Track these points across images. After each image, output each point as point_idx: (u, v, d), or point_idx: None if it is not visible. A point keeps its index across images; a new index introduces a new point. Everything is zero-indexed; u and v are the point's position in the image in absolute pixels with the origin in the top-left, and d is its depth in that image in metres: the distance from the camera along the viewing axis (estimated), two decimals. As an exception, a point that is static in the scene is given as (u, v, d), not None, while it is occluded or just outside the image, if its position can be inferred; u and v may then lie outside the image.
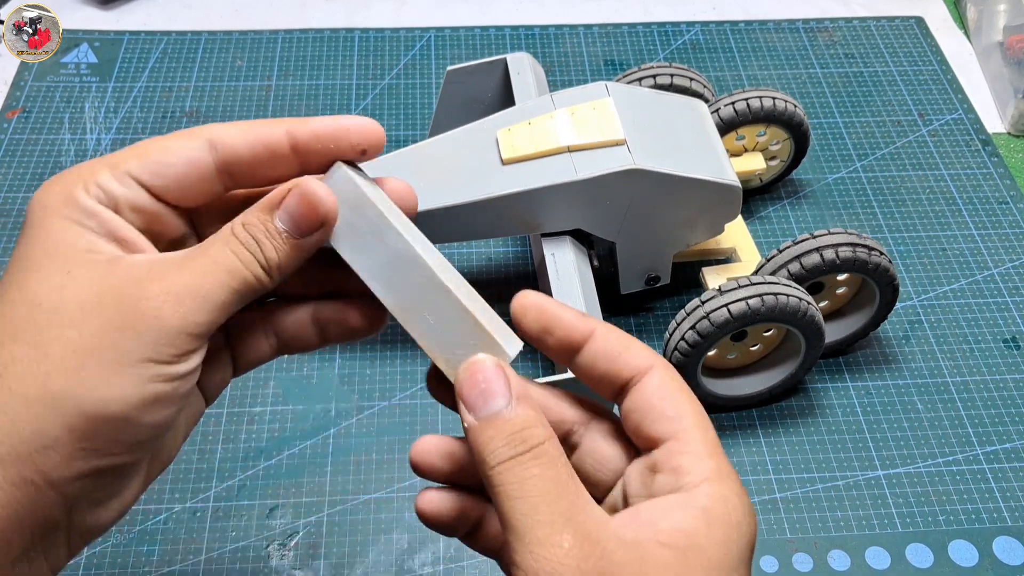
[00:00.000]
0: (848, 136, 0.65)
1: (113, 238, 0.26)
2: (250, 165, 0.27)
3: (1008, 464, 0.48)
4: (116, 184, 0.26)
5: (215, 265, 0.26)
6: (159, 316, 0.25)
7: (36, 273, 0.25)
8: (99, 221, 0.26)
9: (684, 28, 0.73)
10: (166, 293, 0.25)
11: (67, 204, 0.26)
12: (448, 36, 0.72)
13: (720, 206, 0.48)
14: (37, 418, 0.24)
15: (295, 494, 0.46)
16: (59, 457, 0.24)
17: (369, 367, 0.52)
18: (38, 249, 0.26)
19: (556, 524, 0.24)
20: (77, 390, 0.24)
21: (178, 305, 0.25)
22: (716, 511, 0.25)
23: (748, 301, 0.44)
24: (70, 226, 0.26)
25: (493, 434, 0.25)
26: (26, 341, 0.24)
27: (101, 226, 0.26)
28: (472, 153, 0.47)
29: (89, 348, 0.24)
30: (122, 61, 0.69)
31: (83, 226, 0.26)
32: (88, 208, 0.26)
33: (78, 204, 0.26)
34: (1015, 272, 0.57)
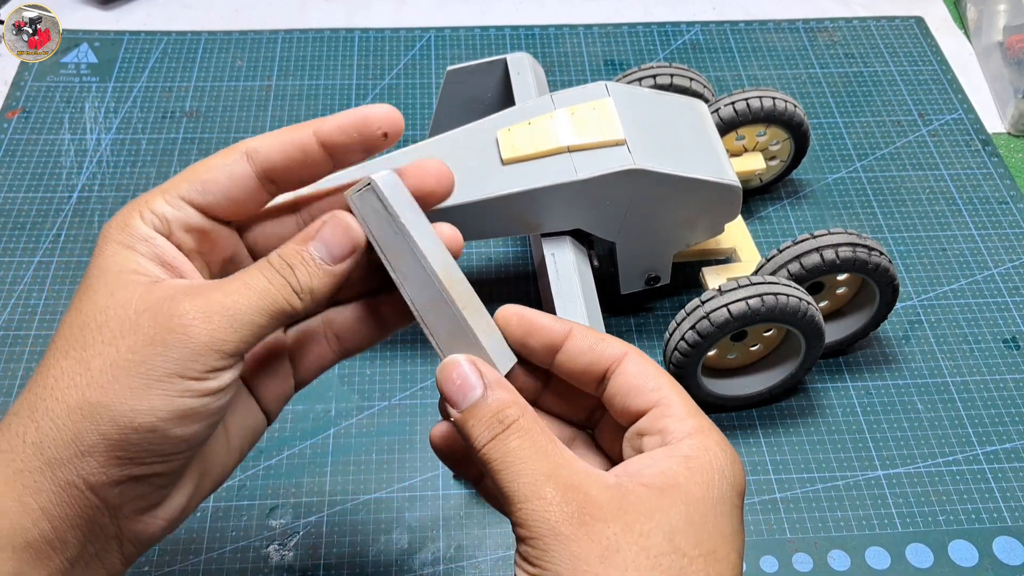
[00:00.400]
0: (848, 136, 0.65)
1: (161, 262, 0.28)
2: (287, 168, 0.29)
3: (1008, 464, 0.48)
4: (168, 207, 0.29)
5: (246, 287, 0.27)
6: (187, 333, 0.26)
7: (88, 295, 0.28)
8: (149, 246, 0.28)
9: (684, 28, 0.73)
10: (196, 311, 0.26)
11: (122, 230, 0.28)
12: (448, 36, 0.72)
13: (720, 206, 0.48)
14: (76, 426, 0.26)
15: (295, 494, 0.46)
16: (96, 463, 0.26)
17: (369, 367, 0.52)
18: (93, 273, 0.28)
19: (538, 481, 0.26)
20: (111, 401, 0.26)
21: (207, 322, 0.26)
22: (698, 458, 0.27)
23: (748, 301, 0.44)
24: (121, 250, 0.28)
25: (475, 422, 0.28)
26: (74, 357, 0.27)
27: (151, 250, 0.28)
28: (472, 153, 0.47)
29: (124, 363, 0.26)
30: (122, 61, 0.69)
31: (133, 250, 0.28)
32: (140, 234, 0.28)
33: (131, 230, 0.28)
34: (1015, 272, 0.57)
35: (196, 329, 0.26)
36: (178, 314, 0.26)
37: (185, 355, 0.26)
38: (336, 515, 0.46)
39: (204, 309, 0.27)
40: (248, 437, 0.32)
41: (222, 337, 0.27)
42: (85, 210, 0.59)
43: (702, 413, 0.29)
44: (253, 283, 0.28)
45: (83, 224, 0.58)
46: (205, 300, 0.27)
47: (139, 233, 0.28)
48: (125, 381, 0.26)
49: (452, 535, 0.45)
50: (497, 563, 0.44)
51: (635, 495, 0.26)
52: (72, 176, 0.61)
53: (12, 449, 0.26)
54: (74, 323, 0.27)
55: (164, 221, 0.28)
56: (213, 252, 0.30)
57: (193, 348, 0.26)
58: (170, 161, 0.62)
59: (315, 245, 0.29)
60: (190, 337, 0.26)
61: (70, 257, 0.56)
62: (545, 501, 0.26)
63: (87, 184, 0.61)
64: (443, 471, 0.47)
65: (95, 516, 0.27)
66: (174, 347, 0.26)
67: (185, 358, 0.26)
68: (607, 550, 0.25)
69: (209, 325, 0.26)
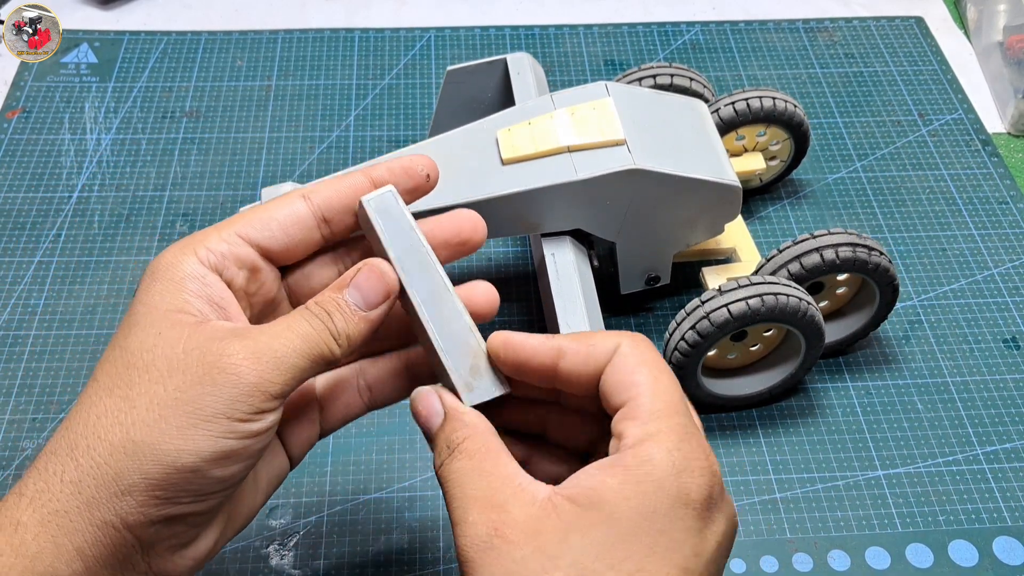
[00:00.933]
0: (848, 136, 0.65)
1: (209, 301, 0.29)
2: (343, 207, 0.31)
3: (1008, 464, 0.48)
4: (224, 244, 0.29)
5: (290, 331, 0.28)
6: (237, 373, 0.27)
7: (135, 332, 0.28)
8: (200, 284, 0.29)
9: (684, 28, 0.73)
10: (246, 351, 0.27)
11: (171, 267, 0.29)
12: (448, 36, 0.72)
13: (720, 206, 0.48)
14: (118, 464, 0.26)
15: (295, 494, 0.46)
16: (135, 503, 0.26)
17: (369, 367, 0.52)
18: (140, 310, 0.28)
19: (466, 505, 0.27)
20: (156, 441, 0.26)
21: (256, 364, 0.27)
22: (636, 469, 0.26)
23: (748, 301, 0.44)
24: (169, 288, 0.28)
25: (434, 446, 0.30)
26: (119, 395, 0.27)
27: (201, 289, 0.29)
28: (472, 153, 0.47)
29: (171, 402, 0.26)
30: (122, 61, 0.69)
31: (183, 289, 0.28)
32: (193, 272, 0.29)
33: (181, 268, 0.29)
34: (1015, 272, 0.57)
35: (245, 370, 0.27)
36: (227, 354, 0.27)
37: (234, 395, 0.26)
38: (336, 515, 0.46)
39: (253, 351, 0.27)
40: (274, 481, 0.32)
41: (269, 379, 0.27)
42: (85, 210, 0.59)
43: (674, 412, 0.28)
44: (296, 327, 0.28)
45: (83, 224, 0.58)
46: (253, 342, 0.27)
47: (192, 271, 0.29)
48: (172, 420, 0.26)
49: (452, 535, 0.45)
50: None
51: (559, 512, 0.26)
52: (72, 176, 0.61)
53: (49, 489, 0.26)
54: (119, 361, 0.27)
55: (219, 256, 0.29)
56: (260, 293, 0.31)
57: (242, 389, 0.26)
58: (170, 161, 0.62)
59: (350, 292, 0.30)
60: (239, 377, 0.26)
61: (70, 257, 0.56)
62: (467, 525, 0.27)
63: (87, 184, 0.61)
64: (443, 471, 0.47)
65: (128, 554, 0.27)
66: (223, 387, 0.26)
67: (233, 398, 0.26)
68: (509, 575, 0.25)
69: (258, 366, 0.27)
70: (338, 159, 0.63)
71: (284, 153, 0.63)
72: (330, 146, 0.64)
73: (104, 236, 0.58)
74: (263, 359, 0.27)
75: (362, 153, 0.63)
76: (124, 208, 0.59)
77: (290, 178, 0.61)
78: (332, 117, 0.65)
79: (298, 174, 0.61)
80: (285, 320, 0.29)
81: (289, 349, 0.28)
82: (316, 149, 0.63)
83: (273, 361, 0.27)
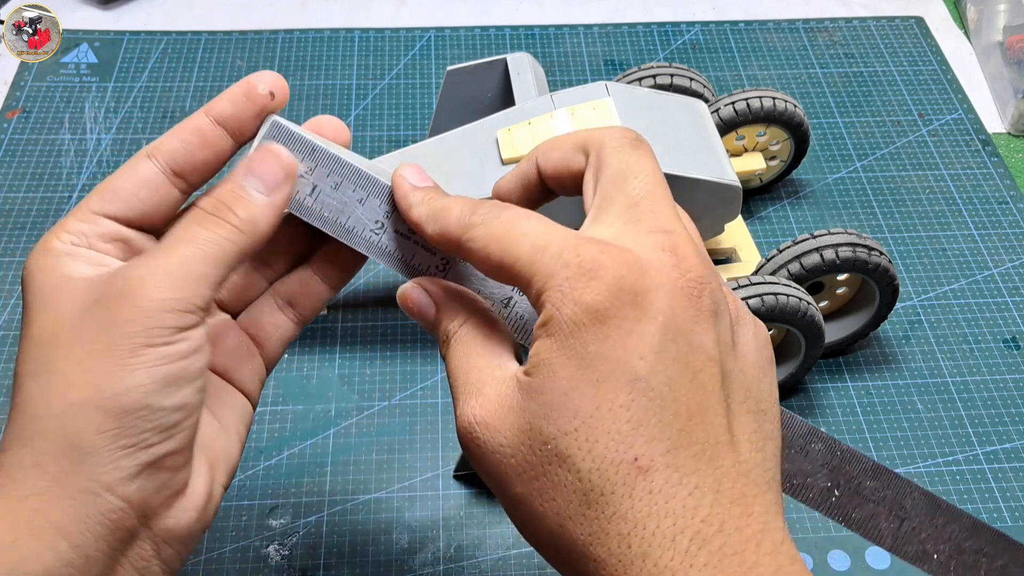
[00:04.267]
0: (848, 136, 0.65)
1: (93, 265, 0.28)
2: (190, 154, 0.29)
3: (1008, 464, 0.48)
4: (83, 224, 0.28)
5: (189, 242, 0.27)
6: (137, 304, 0.26)
7: (34, 318, 0.27)
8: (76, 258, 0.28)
9: (684, 28, 0.73)
10: (139, 279, 0.26)
11: (45, 255, 0.28)
12: (448, 36, 0.72)
13: (720, 206, 0.48)
14: (69, 430, 0.25)
15: (295, 494, 0.46)
16: (104, 460, 0.25)
17: (369, 367, 0.52)
18: (30, 302, 0.27)
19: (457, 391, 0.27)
20: (93, 394, 0.25)
21: (154, 287, 0.26)
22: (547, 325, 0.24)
23: (748, 301, 0.44)
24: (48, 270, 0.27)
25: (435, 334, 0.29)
26: (38, 374, 0.26)
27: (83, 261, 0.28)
28: (472, 153, 0.47)
29: (90, 355, 0.25)
30: (122, 61, 0.69)
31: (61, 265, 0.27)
32: (64, 251, 0.28)
33: (54, 251, 0.28)
34: (1015, 272, 0.57)
35: (144, 297, 0.26)
36: (123, 290, 0.26)
37: (147, 324, 0.25)
38: (336, 515, 0.46)
39: (146, 276, 0.26)
40: (240, 420, 0.31)
41: (173, 296, 0.26)
42: (85, 210, 0.59)
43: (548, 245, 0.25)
44: (190, 235, 0.27)
45: (83, 224, 0.58)
46: (145, 268, 0.26)
47: (62, 251, 0.27)
48: (99, 370, 0.25)
49: (452, 535, 0.45)
50: (497, 563, 0.44)
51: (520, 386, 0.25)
52: (72, 176, 0.61)
53: (12, 480, 0.25)
54: (28, 350, 0.27)
55: (82, 236, 0.28)
56: None
57: (152, 315, 0.25)
58: (170, 161, 0.62)
59: (248, 179, 0.28)
60: (141, 307, 0.25)
61: (70, 257, 0.56)
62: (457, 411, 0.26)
63: (87, 184, 0.61)
64: (443, 471, 0.47)
65: (121, 521, 0.26)
66: (129, 322, 0.25)
67: (147, 327, 0.25)
68: None
69: (157, 289, 0.26)
70: (338, 159, 0.63)
71: (284, 153, 0.63)
72: (330, 146, 0.63)
73: (104, 236, 0.58)
74: (159, 278, 0.26)
75: (362, 153, 0.63)
76: (124, 208, 0.59)
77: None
78: (332, 117, 0.65)
79: (298, 174, 0.61)
80: (177, 230, 0.27)
81: (188, 258, 0.26)
82: (316, 149, 0.63)
83: (172, 277, 0.26)
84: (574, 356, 0.23)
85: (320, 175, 0.30)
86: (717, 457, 0.23)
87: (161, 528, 0.27)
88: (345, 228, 0.30)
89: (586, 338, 0.23)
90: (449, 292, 0.29)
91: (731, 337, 0.25)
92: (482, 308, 0.29)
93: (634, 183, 0.27)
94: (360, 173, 0.30)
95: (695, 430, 0.23)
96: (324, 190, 0.30)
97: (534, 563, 0.44)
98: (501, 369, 0.26)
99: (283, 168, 0.29)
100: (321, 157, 0.30)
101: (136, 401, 0.25)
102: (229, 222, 0.28)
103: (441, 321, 0.29)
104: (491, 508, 0.46)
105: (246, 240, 0.28)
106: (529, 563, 0.44)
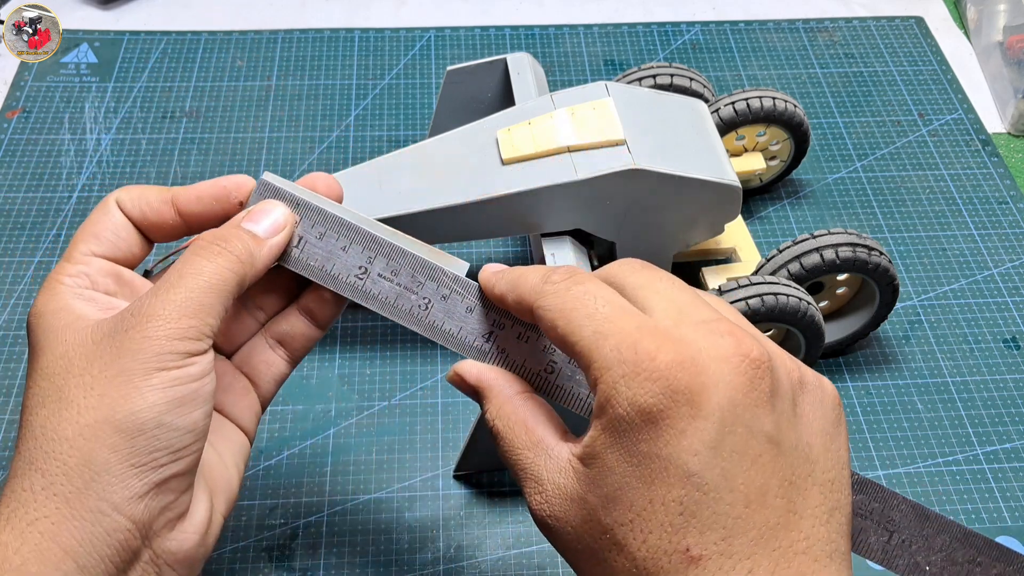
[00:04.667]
0: (848, 136, 0.65)
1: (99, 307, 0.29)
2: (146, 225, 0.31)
3: (1008, 464, 0.48)
4: (80, 265, 0.30)
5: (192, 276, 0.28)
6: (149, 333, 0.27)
7: (43, 354, 0.28)
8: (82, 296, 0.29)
9: (684, 28, 0.73)
10: (151, 310, 0.27)
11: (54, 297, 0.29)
12: (448, 36, 0.72)
13: (720, 206, 0.48)
14: (83, 450, 0.26)
15: (295, 494, 0.46)
16: (115, 480, 0.26)
17: (369, 367, 0.52)
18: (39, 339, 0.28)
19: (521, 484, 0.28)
20: (108, 414, 0.26)
21: (167, 316, 0.27)
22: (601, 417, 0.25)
23: (748, 301, 0.44)
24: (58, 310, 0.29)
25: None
26: (48, 403, 0.27)
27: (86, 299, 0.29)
28: (472, 153, 0.47)
29: (103, 381, 0.26)
30: (122, 61, 0.69)
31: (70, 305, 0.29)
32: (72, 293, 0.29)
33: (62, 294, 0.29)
34: (1015, 272, 0.57)
35: (156, 327, 0.27)
36: (133, 323, 0.27)
37: (156, 351, 0.27)
38: (336, 515, 0.46)
39: (156, 308, 0.27)
40: (237, 453, 0.33)
41: (182, 325, 0.27)
42: (85, 210, 0.59)
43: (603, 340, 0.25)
44: (194, 268, 0.28)
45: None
46: (154, 301, 0.28)
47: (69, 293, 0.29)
48: (113, 394, 0.26)
49: (452, 535, 0.45)
50: (497, 563, 0.44)
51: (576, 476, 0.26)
52: (72, 176, 0.61)
53: (23, 504, 0.26)
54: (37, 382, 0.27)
55: (84, 277, 0.30)
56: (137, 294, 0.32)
57: (160, 343, 0.27)
58: (170, 161, 0.62)
59: (247, 224, 0.30)
60: (153, 337, 0.27)
61: (70, 257, 0.56)
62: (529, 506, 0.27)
63: (87, 184, 0.61)
64: (443, 471, 0.47)
65: (126, 542, 0.26)
66: (142, 350, 0.27)
67: (157, 354, 0.27)
68: None
69: (167, 320, 0.27)
70: (338, 159, 0.63)
71: (284, 153, 0.63)
72: (330, 146, 0.64)
73: (104, 236, 0.58)
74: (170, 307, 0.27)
75: (362, 153, 0.63)
76: (124, 208, 0.59)
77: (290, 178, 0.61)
78: (332, 117, 0.65)
79: (298, 174, 0.61)
80: (181, 263, 0.29)
81: (195, 288, 0.28)
82: (316, 149, 0.63)
83: (180, 307, 0.27)
84: (626, 453, 0.24)
85: (306, 226, 0.32)
86: (775, 538, 0.24)
87: (163, 550, 0.27)
88: (331, 275, 0.32)
89: (638, 437, 0.24)
90: (485, 378, 0.30)
91: (792, 409, 0.26)
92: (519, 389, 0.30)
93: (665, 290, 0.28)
94: (343, 222, 0.32)
95: (753, 516, 0.24)
96: (310, 241, 0.32)
97: (534, 563, 0.44)
98: (551, 458, 0.27)
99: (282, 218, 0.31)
100: (305, 209, 0.32)
101: (150, 420, 0.26)
102: (230, 251, 0.29)
103: (482, 406, 0.30)
104: (491, 508, 0.46)
105: (245, 270, 0.29)
106: (529, 563, 0.44)
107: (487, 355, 0.31)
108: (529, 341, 0.31)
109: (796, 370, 0.27)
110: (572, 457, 0.26)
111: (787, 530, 0.24)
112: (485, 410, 0.30)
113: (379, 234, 0.32)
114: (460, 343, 0.32)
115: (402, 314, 0.32)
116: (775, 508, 0.24)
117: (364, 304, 0.32)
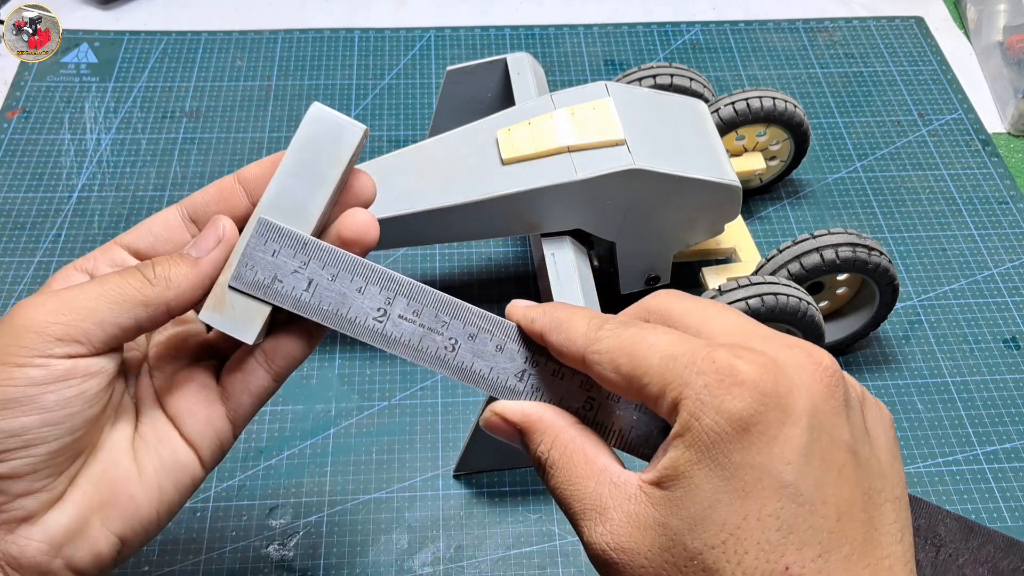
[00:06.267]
0: (848, 136, 0.65)
1: None
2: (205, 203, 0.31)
3: (1008, 464, 0.48)
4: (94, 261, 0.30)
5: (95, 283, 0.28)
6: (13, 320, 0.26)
7: None
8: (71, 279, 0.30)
9: (684, 28, 0.73)
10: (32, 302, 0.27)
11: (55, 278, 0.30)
12: (448, 36, 0.72)
13: (720, 206, 0.48)
14: None
15: (295, 494, 0.46)
16: None
17: (369, 367, 0.52)
18: None
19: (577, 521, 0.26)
20: None
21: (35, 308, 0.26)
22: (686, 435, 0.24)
23: (748, 301, 0.44)
24: None
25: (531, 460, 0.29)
26: None
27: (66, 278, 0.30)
28: (472, 153, 0.47)
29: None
30: (122, 61, 0.69)
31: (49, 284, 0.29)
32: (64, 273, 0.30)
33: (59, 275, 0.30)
34: (1015, 272, 0.57)
35: (22, 315, 0.26)
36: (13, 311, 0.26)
37: (8, 341, 0.26)
38: (336, 515, 0.46)
39: (38, 300, 0.27)
40: (169, 474, 0.29)
41: (49, 320, 0.26)
42: (85, 210, 0.59)
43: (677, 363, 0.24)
44: (102, 279, 0.28)
45: (83, 224, 0.58)
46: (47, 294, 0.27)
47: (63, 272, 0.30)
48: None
49: (452, 535, 0.45)
50: (497, 563, 0.44)
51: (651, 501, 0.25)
52: (72, 176, 0.61)
53: None
54: None
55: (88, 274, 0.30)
56: None
57: (17, 333, 0.26)
58: (170, 161, 0.62)
59: (189, 248, 0.30)
60: (17, 323, 0.26)
61: (70, 257, 0.56)
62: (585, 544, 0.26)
63: (87, 184, 0.61)
64: (443, 471, 0.47)
65: None
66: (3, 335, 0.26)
67: (7, 344, 0.26)
68: None
69: (37, 310, 0.26)
70: (338, 159, 0.63)
71: (284, 153, 0.63)
72: (330, 146, 0.63)
73: (104, 236, 0.58)
74: (47, 302, 0.26)
75: (362, 153, 0.63)
76: (124, 208, 0.59)
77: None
78: (332, 117, 0.65)
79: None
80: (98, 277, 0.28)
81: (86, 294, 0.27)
82: (316, 149, 0.63)
83: (58, 303, 0.26)
84: (717, 467, 0.23)
85: (315, 268, 0.29)
86: (866, 555, 0.23)
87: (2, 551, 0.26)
88: (347, 320, 0.29)
89: (729, 447, 0.23)
90: (530, 412, 0.28)
91: (863, 423, 0.25)
92: (568, 421, 0.28)
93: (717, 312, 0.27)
94: (357, 261, 0.29)
95: (844, 530, 0.23)
96: (321, 283, 0.29)
97: (534, 563, 0.44)
98: (617, 486, 0.25)
99: (215, 236, 0.29)
100: (313, 250, 0.29)
101: None
102: (142, 273, 0.28)
103: (529, 446, 0.28)
104: (491, 508, 0.46)
105: (154, 293, 0.28)
106: (529, 563, 0.44)
107: (522, 395, 0.29)
108: (564, 378, 0.29)
109: (859, 385, 0.26)
110: (643, 483, 0.25)
111: (872, 546, 0.23)
112: (536, 444, 0.28)
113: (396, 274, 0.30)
114: (492, 384, 0.29)
115: (428, 358, 0.29)
116: (861, 522, 0.23)
117: (387, 350, 0.30)
